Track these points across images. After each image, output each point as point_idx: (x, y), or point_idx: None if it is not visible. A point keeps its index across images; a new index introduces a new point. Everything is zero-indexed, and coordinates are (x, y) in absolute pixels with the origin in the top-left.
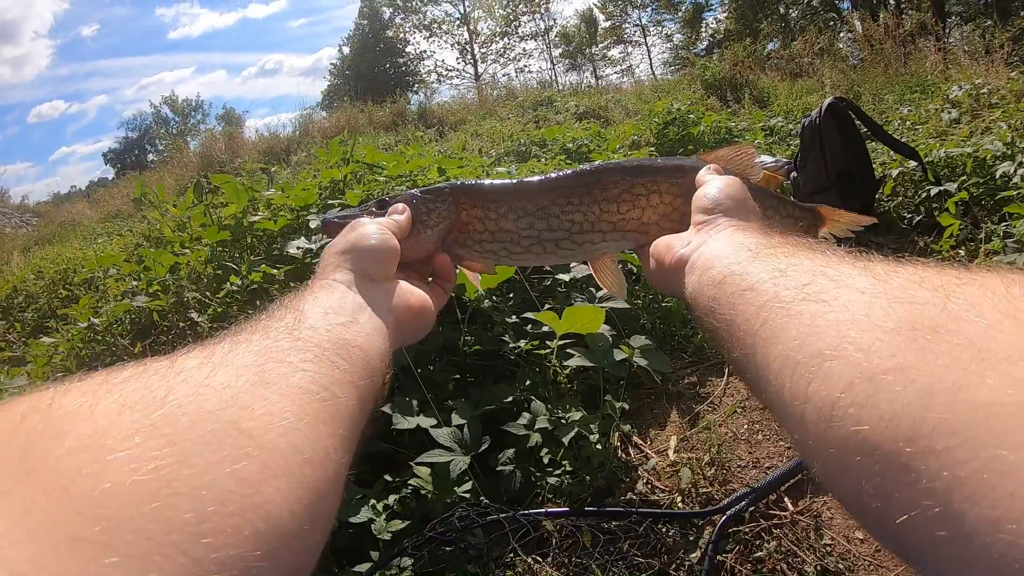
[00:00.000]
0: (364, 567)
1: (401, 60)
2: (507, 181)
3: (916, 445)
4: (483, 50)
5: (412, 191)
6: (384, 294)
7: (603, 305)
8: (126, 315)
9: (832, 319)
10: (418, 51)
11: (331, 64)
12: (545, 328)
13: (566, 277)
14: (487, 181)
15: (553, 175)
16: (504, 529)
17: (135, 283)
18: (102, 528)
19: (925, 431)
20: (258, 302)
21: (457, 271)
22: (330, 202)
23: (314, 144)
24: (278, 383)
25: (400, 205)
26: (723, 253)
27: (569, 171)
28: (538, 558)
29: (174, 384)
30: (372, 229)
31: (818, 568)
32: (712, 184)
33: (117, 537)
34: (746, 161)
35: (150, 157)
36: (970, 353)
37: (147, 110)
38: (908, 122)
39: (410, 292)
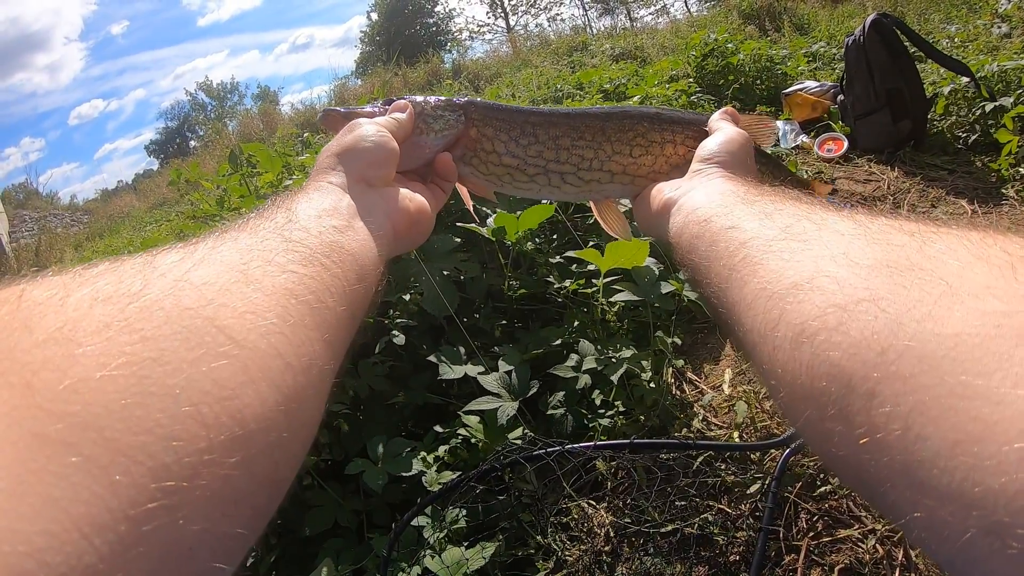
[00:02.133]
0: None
1: (431, 20)
2: (523, 106)
3: (883, 370)
4: (513, 1)
5: (425, 96)
6: (382, 199)
7: (647, 238)
8: None
9: (810, 255)
10: (447, 9)
11: (361, 32)
12: (591, 266)
13: None
14: (503, 104)
15: (571, 109)
16: (555, 473)
17: None
18: (65, 425)
19: (892, 357)
20: None
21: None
22: None
23: None
24: (263, 282)
25: (403, 102)
26: (711, 197)
27: (588, 107)
28: (592, 502)
29: (151, 278)
30: (370, 130)
31: None
32: (716, 137)
33: (81, 436)
34: (763, 131)
35: (192, 144)
36: (941, 289)
37: (184, 98)
38: (956, 40)
39: (408, 198)
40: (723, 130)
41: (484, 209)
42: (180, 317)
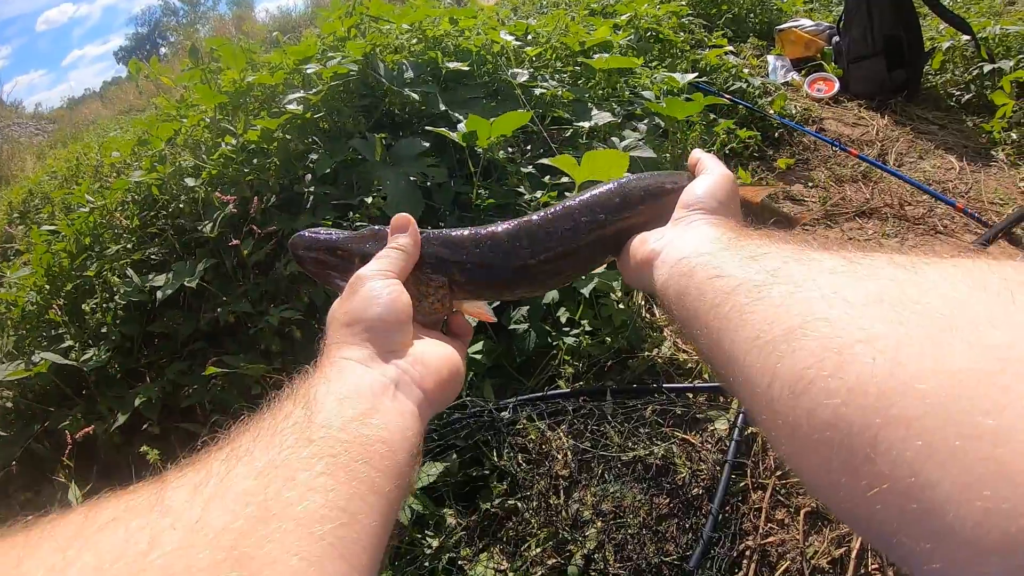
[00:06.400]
0: None
1: None
2: (513, 243)
3: (885, 415)
4: None
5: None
6: (409, 366)
7: (627, 151)
8: (127, 194)
9: (801, 298)
10: None
11: None
12: (565, 179)
13: (587, 125)
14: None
15: (583, 212)
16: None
17: (137, 163)
18: None
19: (894, 399)
20: (255, 160)
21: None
22: (330, 55)
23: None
24: (284, 515)
25: (404, 220)
26: (694, 245)
27: (581, 212)
28: (553, 425)
29: (159, 531)
30: (376, 288)
31: None
32: (701, 181)
33: None
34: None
35: (163, 51)
36: (939, 323)
37: (155, 3)
38: (959, 1)
39: (437, 357)
40: (709, 172)
41: (455, 114)
42: None
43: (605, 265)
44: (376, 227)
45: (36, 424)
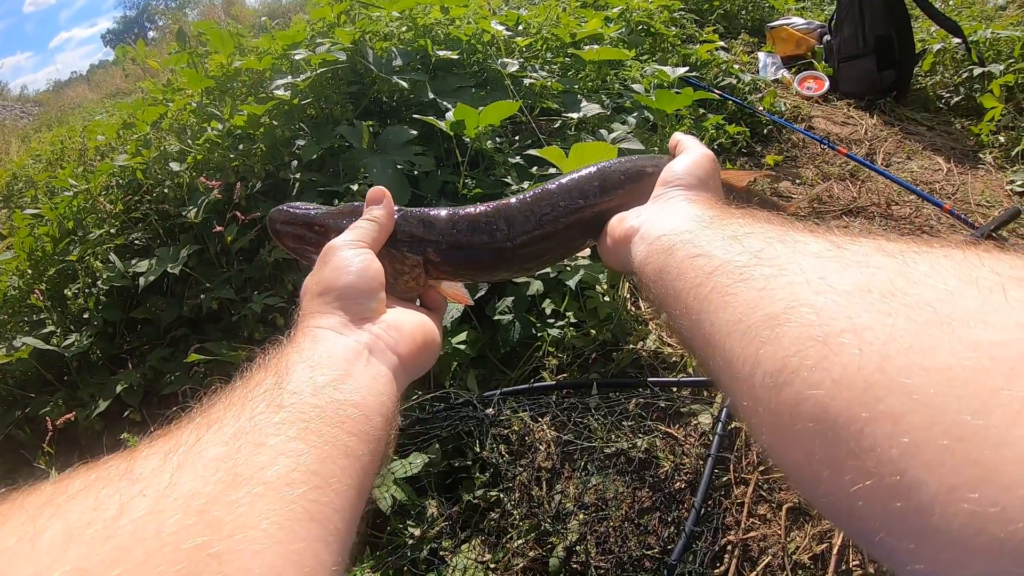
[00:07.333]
0: None
1: None
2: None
3: (871, 409)
4: None
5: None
6: (383, 332)
7: (615, 144)
8: (111, 178)
9: (785, 282)
10: None
11: None
12: (552, 170)
13: (576, 116)
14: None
15: (544, 206)
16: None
17: (122, 147)
18: None
19: (880, 394)
20: (241, 146)
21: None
22: (319, 41)
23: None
24: (254, 480)
25: (379, 192)
26: (674, 222)
27: (573, 203)
28: (536, 417)
29: (128, 498)
30: (347, 257)
31: None
32: (681, 159)
33: None
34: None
35: (151, 34)
36: (928, 316)
37: None
38: (951, 3)
39: (412, 324)
40: (689, 150)
41: (444, 103)
42: (161, 552)
43: (587, 251)
44: (355, 203)
45: (17, 410)
